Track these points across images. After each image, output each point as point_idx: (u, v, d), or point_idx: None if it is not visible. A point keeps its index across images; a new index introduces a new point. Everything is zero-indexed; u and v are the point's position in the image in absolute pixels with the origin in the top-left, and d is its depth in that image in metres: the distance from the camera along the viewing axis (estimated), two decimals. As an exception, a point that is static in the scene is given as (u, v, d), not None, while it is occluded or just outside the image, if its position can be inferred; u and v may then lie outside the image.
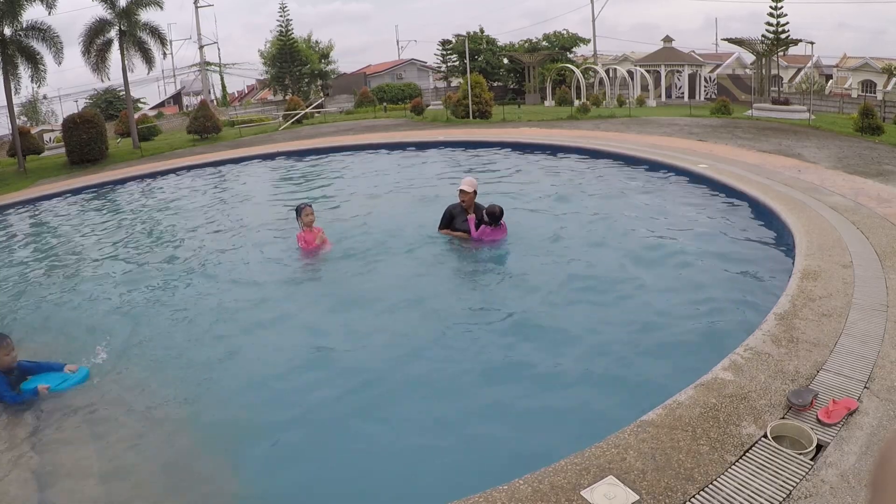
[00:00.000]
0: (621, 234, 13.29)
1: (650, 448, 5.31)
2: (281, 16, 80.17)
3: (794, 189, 14.97)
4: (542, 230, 13.98)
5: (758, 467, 5.03)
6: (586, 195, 17.19)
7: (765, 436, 5.39)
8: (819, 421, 5.56)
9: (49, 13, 39.30)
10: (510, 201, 16.65)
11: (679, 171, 18.70)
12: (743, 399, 5.93)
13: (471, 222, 12.69)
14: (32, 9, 39.03)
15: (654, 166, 20.12)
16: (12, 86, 39.95)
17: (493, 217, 12.48)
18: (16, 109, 43.00)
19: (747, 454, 5.19)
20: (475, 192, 12.91)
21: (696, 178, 17.60)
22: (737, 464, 5.09)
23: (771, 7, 44.71)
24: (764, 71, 46.93)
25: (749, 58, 56.21)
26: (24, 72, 40.08)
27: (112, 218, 21.43)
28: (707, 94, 61.37)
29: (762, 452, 5.20)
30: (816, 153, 21.57)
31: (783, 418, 5.66)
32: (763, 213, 13.61)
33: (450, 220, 13.09)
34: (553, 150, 25.52)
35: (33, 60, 39.53)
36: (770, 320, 7.63)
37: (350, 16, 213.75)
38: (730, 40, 49.65)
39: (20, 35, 38.69)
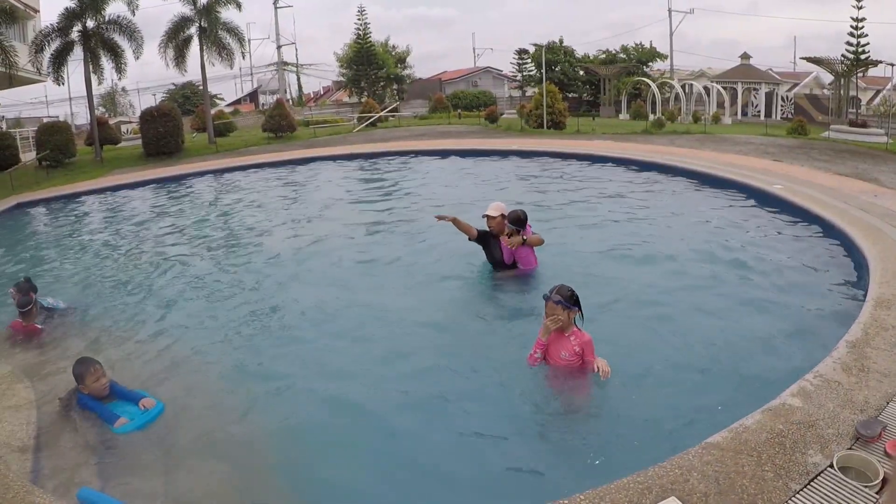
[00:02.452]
0: (690, 253, 13.16)
1: (714, 471, 5.28)
2: (359, 19, 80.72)
3: (870, 214, 14.72)
4: (606, 244, 13.96)
5: (822, 498, 4.98)
6: (656, 211, 17.08)
7: (831, 465, 5.33)
8: (886, 454, 5.48)
9: (133, 12, 40.22)
10: (576, 214, 16.68)
11: (753, 191, 18.49)
12: (810, 427, 5.87)
13: (503, 245, 11.80)
14: (115, 3, 39.93)
15: (727, 185, 19.92)
16: (94, 77, 40.82)
17: (519, 222, 11.46)
18: (95, 100, 43.88)
19: (812, 483, 5.14)
20: (503, 216, 11.73)
21: (770, 199, 17.38)
22: (801, 493, 5.05)
23: (851, 27, 44.10)
24: (842, 92, 46.27)
25: (827, 78, 55.36)
26: (105, 63, 40.96)
27: (185, 210, 21.87)
28: (784, 113, 60.48)
29: (827, 483, 5.15)
30: (894, 178, 21.21)
31: (850, 449, 5.59)
32: (837, 238, 13.39)
33: (484, 243, 12.19)
34: (626, 163, 25.46)
35: (114, 53, 40.34)
36: (841, 348, 7.52)
37: (434, 21, 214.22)
38: (808, 59, 49.08)
39: (103, 28, 39.50)
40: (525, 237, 11.51)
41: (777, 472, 5.26)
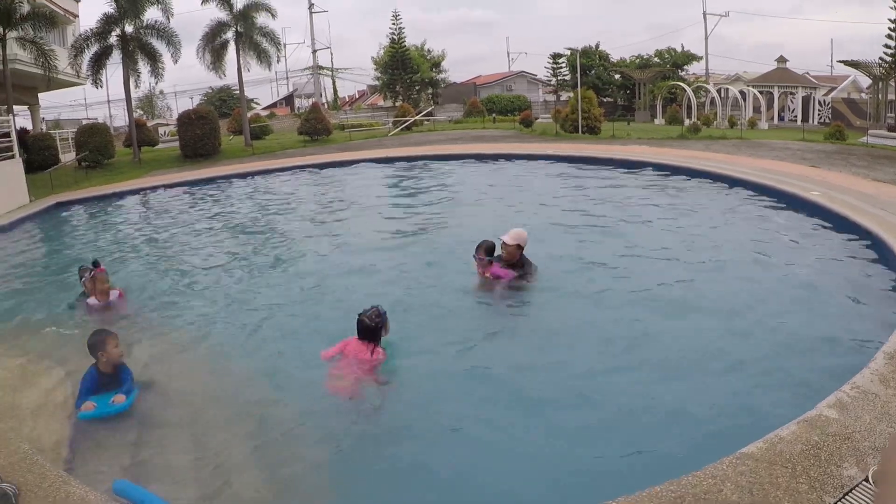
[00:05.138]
0: (725, 260, 13.05)
1: (748, 482, 5.24)
2: (394, 24, 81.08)
3: (910, 223, 14.56)
4: (647, 251, 13.88)
5: (856, 511, 4.96)
6: (691, 218, 17.00)
7: (866, 479, 5.27)
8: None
9: (168, 18, 40.79)
10: (611, 219, 16.64)
11: (790, 198, 18.33)
12: (846, 439, 5.81)
13: (494, 271, 11.43)
14: (153, 9, 40.47)
15: (763, 190, 19.75)
16: (131, 80, 41.27)
17: (491, 252, 11.37)
18: (133, 103, 44.42)
19: (846, 497, 5.08)
20: (517, 247, 11.43)
21: (807, 206, 17.21)
22: (835, 506, 5.01)
23: (889, 29, 43.67)
24: (881, 96, 45.81)
25: (865, 81, 54.79)
26: (143, 67, 41.44)
27: (220, 211, 22.13)
28: (821, 118, 59.92)
29: (862, 497, 5.09)
30: (934, 185, 20.98)
31: (887, 462, 5.55)
32: (876, 246, 13.21)
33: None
34: (662, 168, 25.31)
35: (152, 57, 40.78)
36: (879, 359, 7.40)
37: (473, 24, 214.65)
38: (846, 62, 48.67)
39: (141, 33, 39.97)
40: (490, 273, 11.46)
41: (811, 484, 5.22)
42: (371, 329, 8.23)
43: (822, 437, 5.82)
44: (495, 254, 11.56)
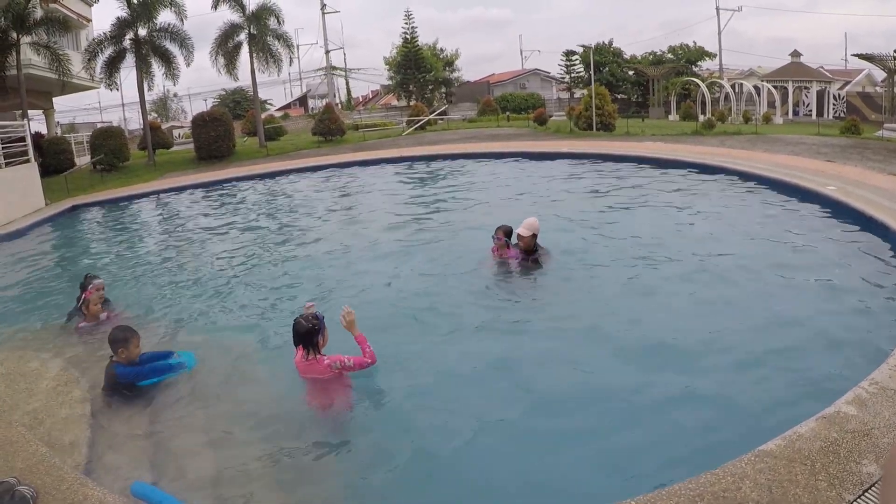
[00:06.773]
0: (741, 258, 12.97)
1: (767, 479, 5.22)
2: (406, 23, 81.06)
3: (928, 217, 14.45)
4: (663, 247, 13.83)
5: (876, 508, 4.92)
6: (707, 215, 16.91)
7: (885, 476, 5.23)
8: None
9: (182, 20, 41.04)
10: (626, 217, 16.60)
11: (806, 193, 18.21)
12: (865, 435, 5.77)
13: (510, 254, 12.37)
14: (166, 12, 40.72)
15: (779, 186, 19.64)
16: (145, 83, 41.48)
17: (509, 236, 12.39)
18: (147, 106, 44.66)
19: (866, 494, 5.05)
20: (532, 236, 12.09)
21: (823, 201, 17.10)
22: (854, 503, 4.97)
23: (905, 21, 43.35)
24: (895, 89, 45.50)
25: (880, 75, 54.38)
26: (157, 70, 41.68)
27: (235, 212, 22.16)
28: (836, 112, 59.49)
29: (882, 493, 5.05)
30: (951, 179, 20.82)
31: (906, 458, 5.49)
32: (893, 241, 13.15)
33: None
34: (677, 165, 25.17)
35: (166, 60, 40.99)
36: (897, 354, 7.38)
37: (488, 22, 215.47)
38: (860, 56, 48.22)
39: (154, 36, 40.19)
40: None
41: (831, 481, 5.18)
42: (301, 333, 7.91)
43: (841, 434, 5.78)
44: (512, 240, 12.30)
